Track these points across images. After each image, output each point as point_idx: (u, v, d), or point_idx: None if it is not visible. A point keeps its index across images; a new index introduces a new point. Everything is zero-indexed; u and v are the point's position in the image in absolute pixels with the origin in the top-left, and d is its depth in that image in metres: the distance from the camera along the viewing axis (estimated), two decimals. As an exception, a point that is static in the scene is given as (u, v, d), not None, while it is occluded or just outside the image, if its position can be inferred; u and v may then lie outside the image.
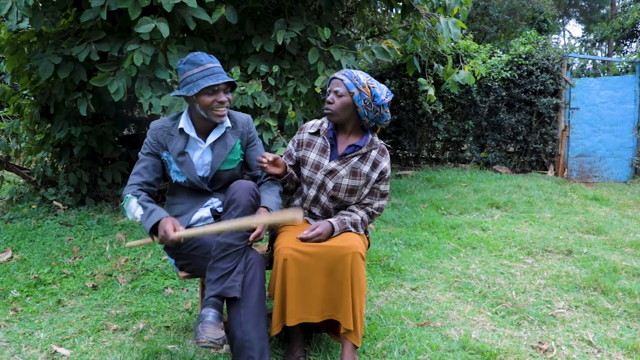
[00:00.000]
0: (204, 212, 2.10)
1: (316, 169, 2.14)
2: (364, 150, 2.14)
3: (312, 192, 2.15)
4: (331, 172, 2.12)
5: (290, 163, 2.23)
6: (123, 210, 1.99)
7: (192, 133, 2.05)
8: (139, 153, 2.09)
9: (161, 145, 2.06)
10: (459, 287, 2.92)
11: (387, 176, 2.19)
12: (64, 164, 4.91)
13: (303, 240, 1.97)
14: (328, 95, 2.13)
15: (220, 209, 2.11)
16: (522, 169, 7.72)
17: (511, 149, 7.98)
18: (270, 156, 2.01)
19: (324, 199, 2.16)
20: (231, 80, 2.01)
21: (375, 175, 2.15)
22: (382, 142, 2.22)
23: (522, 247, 3.72)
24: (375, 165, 2.15)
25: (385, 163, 2.17)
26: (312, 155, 2.17)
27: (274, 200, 2.02)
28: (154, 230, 1.87)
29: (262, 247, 2.38)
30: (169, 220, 1.85)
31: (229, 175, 2.12)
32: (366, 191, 2.16)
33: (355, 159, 2.14)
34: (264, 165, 2.00)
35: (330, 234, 2.02)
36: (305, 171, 2.17)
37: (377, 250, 3.54)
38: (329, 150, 2.16)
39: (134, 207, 1.93)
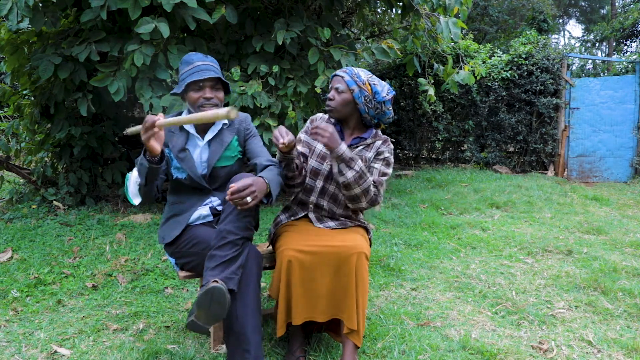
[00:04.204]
0: (204, 210, 2.11)
1: (322, 159, 2.16)
2: (368, 141, 2.17)
3: (319, 184, 2.16)
4: None
5: (304, 152, 2.20)
6: (128, 198, 1.96)
7: (192, 129, 2.08)
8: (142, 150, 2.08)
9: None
10: (459, 287, 2.92)
11: (383, 157, 2.15)
12: (64, 164, 4.91)
13: (317, 126, 1.90)
14: (329, 92, 2.15)
15: (220, 207, 2.11)
16: (522, 169, 7.73)
17: (511, 149, 7.98)
18: (286, 138, 1.88)
19: (332, 188, 2.15)
20: (217, 76, 2.00)
21: (372, 157, 2.14)
22: (385, 136, 2.23)
23: (522, 247, 3.72)
24: (377, 150, 2.17)
25: (384, 148, 2.16)
26: (319, 146, 2.18)
27: (274, 176, 1.93)
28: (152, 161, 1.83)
29: (261, 246, 2.39)
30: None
31: (226, 173, 2.12)
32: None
33: (360, 147, 2.15)
34: (278, 143, 1.89)
35: (338, 144, 1.93)
36: (312, 162, 2.17)
37: (377, 250, 3.54)
38: None
39: (132, 177, 1.93)
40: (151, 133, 1.75)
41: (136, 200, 1.94)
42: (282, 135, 1.88)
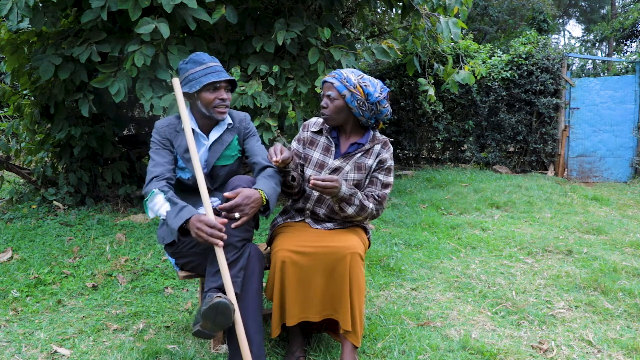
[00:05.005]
0: (203, 210, 2.10)
1: (320, 167, 2.14)
2: (367, 146, 2.14)
3: (315, 192, 2.14)
4: (336, 170, 2.12)
5: (301, 162, 2.19)
6: (145, 207, 1.92)
7: (197, 128, 2.06)
8: (150, 152, 2.05)
9: (170, 142, 2.05)
10: (459, 287, 2.92)
11: (386, 166, 2.15)
12: (64, 164, 4.91)
13: (315, 184, 1.88)
14: (322, 99, 2.13)
15: None
16: (522, 169, 7.73)
17: (511, 149, 7.98)
18: (280, 156, 1.91)
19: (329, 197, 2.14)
20: (232, 78, 2.02)
21: (374, 165, 2.14)
22: (384, 137, 2.21)
23: (522, 247, 3.72)
24: (377, 157, 2.15)
25: (385, 154, 2.15)
26: (316, 155, 2.16)
27: (271, 185, 1.95)
28: (182, 230, 1.81)
29: (261, 246, 2.39)
30: (202, 217, 1.77)
31: (226, 172, 2.11)
32: (367, 181, 2.15)
33: (359, 155, 2.14)
34: (272, 161, 1.92)
35: (338, 191, 1.94)
36: (309, 171, 2.15)
37: (377, 250, 3.54)
38: (333, 148, 2.15)
39: (159, 204, 1.85)
40: (209, 240, 1.74)
41: (151, 215, 1.92)
42: (276, 153, 1.90)
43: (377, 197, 2.10)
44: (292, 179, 2.06)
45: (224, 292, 1.79)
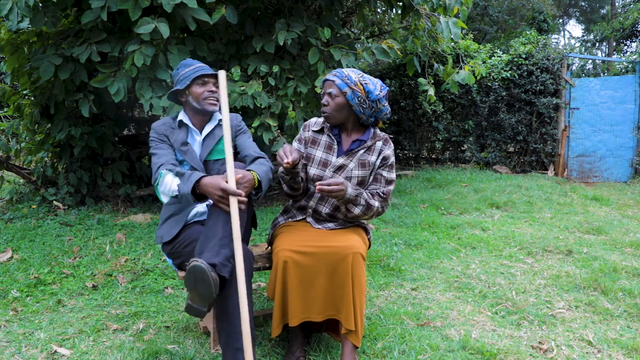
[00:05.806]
0: (201, 207, 2.16)
1: (324, 166, 2.14)
2: (369, 143, 2.15)
3: None
4: (340, 168, 2.13)
5: (304, 161, 2.19)
6: (157, 194, 2.00)
7: (190, 124, 2.15)
8: (150, 151, 2.13)
9: (167, 138, 2.14)
10: (459, 287, 2.92)
11: (389, 162, 2.17)
12: (64, 164, 4.91)
13: (321, 190, 1.90)
14: (322, 97, 2.14)
15: None
16: (522, 169, 7.73)
17: (511, 149, 7.98)
18: (290, 157, 1.90)
19: None
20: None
21: (378, 162, 2.15)
22: (384, 134, 2.22)
23: (522, 247, 3.72)
24: (380, 154, 2.17)
25: (388, 151, 2.17)
26: (319, 153, 2.17)
27: (264, 170, 2.01)
28: (196, 194, 1.87)
29: (261, 246, 2.39)
30: (214, 176, 1.84)
31: (218, 167, 2.15)
32: (371, 179, 2.16)
33: (362, 152, 2.15)
34: (283, 162, 1.91)
35: (344, 193, 1.96)
36: (313, 169, 2.15)
37: (377, 250, 3.54)
38: (335, 147, 2.16)
39: (169, 182, 1.93)
40: (223, 201, 1.80)
41: (165, 199, 1.98)
42: (287, 154, 1.90)
43: (382, 194, 2.12)
44: (301, 179, 2.08)
45: (217, 270, 1.76)
